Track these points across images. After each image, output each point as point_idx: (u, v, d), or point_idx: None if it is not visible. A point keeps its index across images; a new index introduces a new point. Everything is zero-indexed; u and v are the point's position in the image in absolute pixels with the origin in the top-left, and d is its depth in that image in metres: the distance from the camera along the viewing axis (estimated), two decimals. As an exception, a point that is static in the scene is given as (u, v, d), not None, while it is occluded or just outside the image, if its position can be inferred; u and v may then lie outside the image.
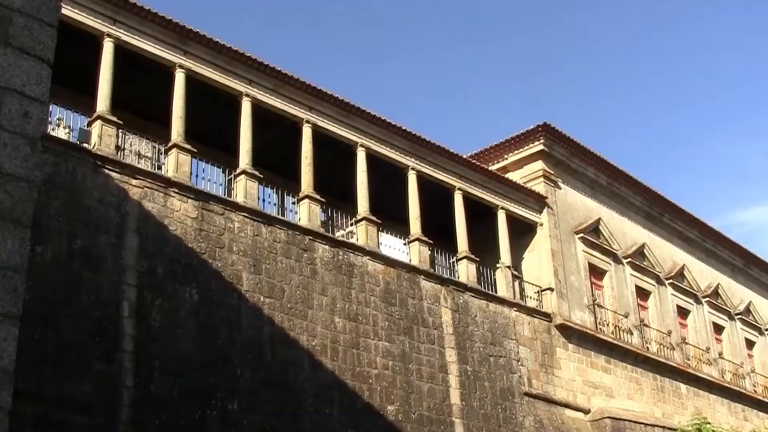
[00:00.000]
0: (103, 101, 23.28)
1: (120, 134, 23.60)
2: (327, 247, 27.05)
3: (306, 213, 27.16)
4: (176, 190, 23.79)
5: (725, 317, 45.66)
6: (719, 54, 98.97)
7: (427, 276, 29.82)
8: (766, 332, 48.82)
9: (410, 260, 29.82)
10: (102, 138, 22.81)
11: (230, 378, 22.83)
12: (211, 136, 27.97)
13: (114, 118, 23.29)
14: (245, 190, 25.69)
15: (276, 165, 29.11)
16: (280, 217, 26.88)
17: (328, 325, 25.86)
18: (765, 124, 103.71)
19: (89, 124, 23.26)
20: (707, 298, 44.33)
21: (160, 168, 24.44)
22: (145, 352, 21.27)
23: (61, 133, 23.10)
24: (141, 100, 26.63)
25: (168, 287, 22.44)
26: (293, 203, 28.20)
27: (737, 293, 47.75)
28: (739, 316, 46.78)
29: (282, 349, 24.36)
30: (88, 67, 23.98)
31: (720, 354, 44.17)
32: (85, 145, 22.60)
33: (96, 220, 21.64)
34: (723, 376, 43.30)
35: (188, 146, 24.72)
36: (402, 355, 27.58)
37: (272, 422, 23.18)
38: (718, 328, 45.13)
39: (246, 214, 25.25)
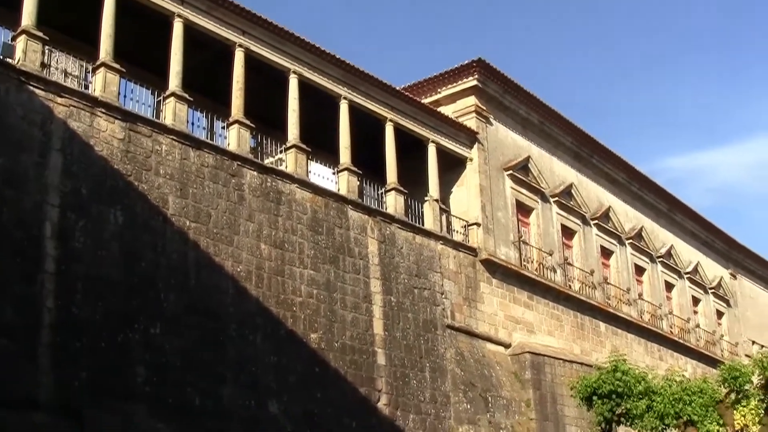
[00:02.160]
0: (28, 16, 22.63)
1: (46, 51, 23.02)
2: (255, 173, 26.86)
3: (235, 138, 26.88)
4: (103, 110, 23.33)
5: (647, 259, 46.59)
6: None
7: (355, 206, 29.84)
8: (685, 276, 49.94)
9: (338, 190, 29.79)
10: (27, 53, 22.22)
11: (153, 302, 22.70)
12: (141, 57, 27.38)
13: (40, 34, 22.68)
14: (174, 112, 25.29)
15: (206, 88, 28.67)
16: (208, 141, 26.59)
17: (254, 252, 25.79)
18: (697, 74, 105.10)
19: (13, 39, 22.63)
20: (630, 240, 45.14)
21: (87, 87, 23.87)
22: (67, 274, 21.02)
23: (-17, 47, 22.46)
24: (69, 17, 25.93)
25: (92, 208, 22.13)
26: (223, 128, 27.91)
27: (660, 237, 48.69)
28: (661, 259, 47.76)
29: (207, 274, 24.26)
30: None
31: (640, 295, 45.14)
32: (8, 60, 22.01)
33: (19, 137, 21.17)
34: (641, 317, 44.30)
35: (117, 66, 24.20)
36: (327, 284, 27.67)
37: (195, 348, 23.16)
38: (640, 270, 46.05)
39: (174, 137, 24.88)
